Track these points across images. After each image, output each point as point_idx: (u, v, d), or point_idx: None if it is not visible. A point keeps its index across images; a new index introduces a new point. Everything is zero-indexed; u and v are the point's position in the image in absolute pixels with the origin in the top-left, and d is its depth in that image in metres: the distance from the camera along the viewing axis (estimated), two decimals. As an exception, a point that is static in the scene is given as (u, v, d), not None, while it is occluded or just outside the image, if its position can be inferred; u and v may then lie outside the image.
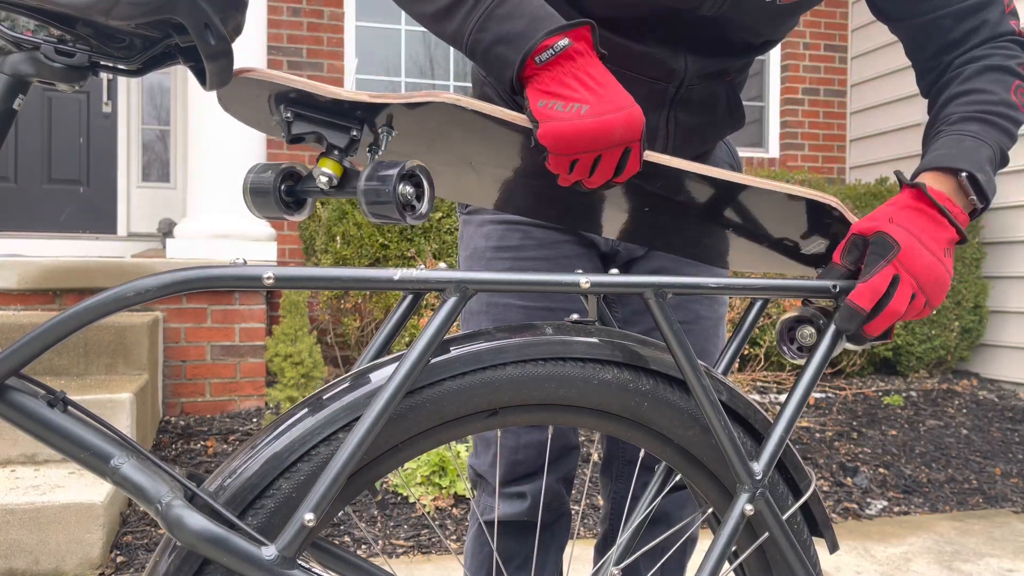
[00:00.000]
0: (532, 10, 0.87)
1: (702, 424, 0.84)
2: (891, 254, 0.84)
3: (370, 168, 0.77)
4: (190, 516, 0.66)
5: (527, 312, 1.19)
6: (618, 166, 0.85)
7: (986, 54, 1.02)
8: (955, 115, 0.98)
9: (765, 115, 5.69)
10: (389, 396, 0.70)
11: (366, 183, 0.76)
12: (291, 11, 4.83)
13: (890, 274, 0.84)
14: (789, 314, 0.94)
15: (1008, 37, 1.03)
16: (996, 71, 1.00)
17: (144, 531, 2.36)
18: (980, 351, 4.75)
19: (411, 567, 2.25)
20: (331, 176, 0.78)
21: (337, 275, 0.72)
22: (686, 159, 1.15)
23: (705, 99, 1.10)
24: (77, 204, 5.00)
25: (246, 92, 0.79)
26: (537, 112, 0.83)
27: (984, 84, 0.99)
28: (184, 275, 0.67)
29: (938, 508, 2.88)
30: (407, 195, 0.76)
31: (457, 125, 0.82)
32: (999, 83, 0.99)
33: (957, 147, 0.94)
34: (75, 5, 0.64)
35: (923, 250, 0.85)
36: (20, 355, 0.65)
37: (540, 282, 0.78)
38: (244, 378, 3.57)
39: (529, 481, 1.23)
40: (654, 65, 1.04)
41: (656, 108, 1.08)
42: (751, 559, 0.89)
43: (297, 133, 0.79)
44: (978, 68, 1.01)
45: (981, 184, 0.91)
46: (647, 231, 1.06)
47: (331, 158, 0.78)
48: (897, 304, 0.84)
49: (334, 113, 0.78)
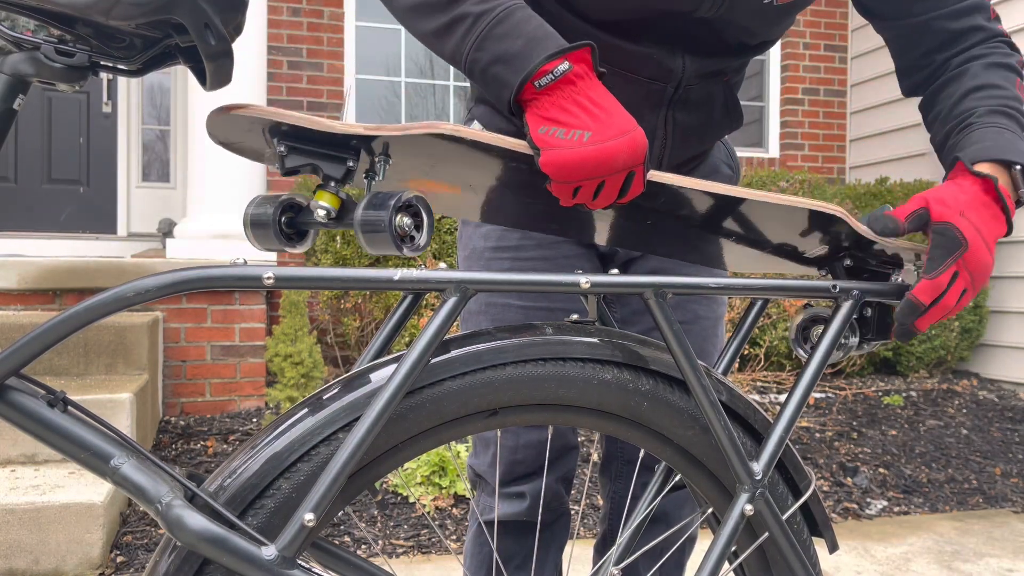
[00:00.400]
0: (531, 30, 0.86)
1: (702, 424, 0.84)
2: (959, 252, 0.85)
3: (367, 199, 0.76)
4: (190, 516, 0.66)
5: (526, 312, 1.19)
6: (622, 188, 0.85)
7: (986, 52, 1.03)
8: (981, 108, 0.99)
9: (765, 115, 5.69)
10: (389, 396, 0.70)
11: (363, 214, 0.74)
12: (291, 11, 4.83)
13: (952, 271, 0.85)
14: (803, 314, 0.94)
15: (1000, 38, 1.05)
16: (1001, 68, 1.02)
17: (144, 531, 2.36)
18: (980, 351, 4.75)
19: (411, 567, 2.25)
20: (328, 209, 0.76)
21: (337, 275, 0.72)
22: (684, 158, 1.16)
23: (703, 99, 1.10)
24: (77, 204, 5.00)
25: (237, 126, 0.78)
26: (538, 140, 0.82)
27: (997, 80, 1.01)
28: (184, 275, 0.67)
29: (938, 508, 2.88)
30: (405, 226, 0.75)
31: (455, 151, 0.81)
32: (1006, 79, 1.01)
33: (1002, 140, 0.95)
34: (75, 5, 0.64)
35: (985, 250, 0.87)
36: (20, 355, 0.65)
37: (540, 282, 0.78)
38: (244, 378, 3.57)
39: (528, 481, 1.23)
40: (652, 66, 1.04)
41: (654, 108, 1.08)
42: (751, 559, 0.89)
43: (292, 167, 0.77)
44: (985, 64, 1.02)
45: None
46: (648, 240, 1.06)
47: (328, 190, 0.77)
48: (950, 299, 0.85)
49: (329, 144, 0.77)
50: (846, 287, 0.87)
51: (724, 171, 1.25)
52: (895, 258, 0.93)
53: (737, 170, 1.30)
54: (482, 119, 1.22)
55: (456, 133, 0.76)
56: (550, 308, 1.19)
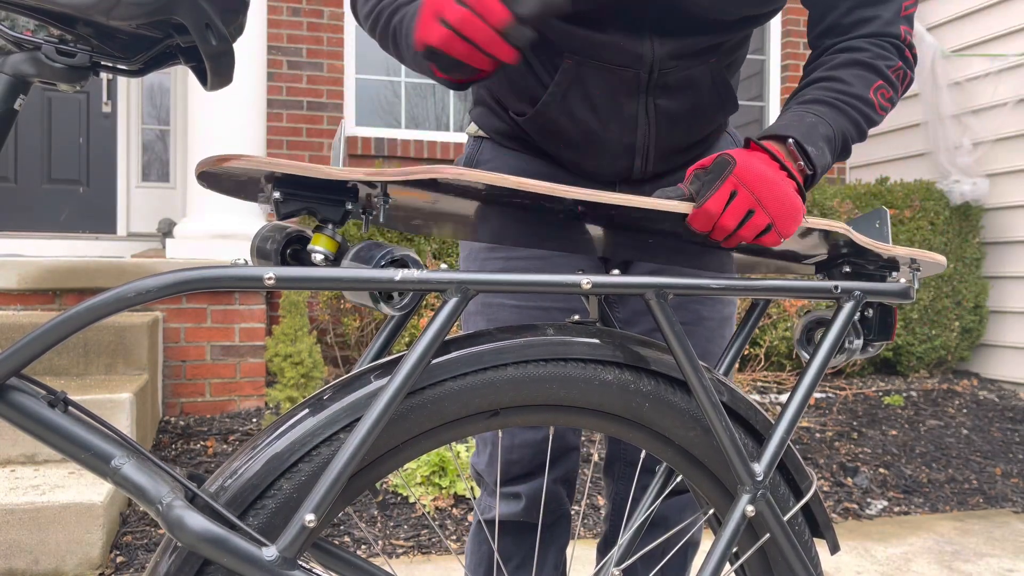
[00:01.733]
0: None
1: (703, 425, 0.84)
2: (726, 171, 0.84)
3: (355, 249, 0.74)
4: (191, 517, 0.66)
5: (519, 312, 1.19)
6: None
7: (860, 47, 1.02)
8: (807, 96, 1.00)
9: (765, 115, 5.69)
10: (390, 397, 0.70)
11: (346, 266, 0.73)
12: (291, 11, 4.83)
13: (727, 192, 0.84)
14: (807, 317, 0.95)
15: (889, 39, 1.02)
16: (862, 67, 1.00)
17: (144, 531, 2.36)
18: (980, 351, 4.75)
19: (411, 567, 2.25)
20: (326, 254, 0.75)
21: (337, 275, 0.71)
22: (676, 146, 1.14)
23: (685, 83, 1.08)
24: (77, 204, 5.00)
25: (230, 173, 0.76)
26: None
27: (846, 76, 1.00)
28: (184, 275, 0.67)
29: (938, 508, 2.88)
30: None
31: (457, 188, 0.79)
32: (861, 79, 0.99)
33: (796, 121, 0.95)
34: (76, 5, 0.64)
35: (761, 165, 0.85)
36: (20, 355, 0.64)
37: (542, 283, 0.78)
38: (244, 378, 3.56)
39: (524, 481, 1.22)
40: (619, 52, 1.04)
41: (631, 95, 1.07)
42: (752, 560, 0.89)
43: (288, 212, 0.75)
44: (846, 60, 1.01)
45: (809, 154, 0.92)
46: (650, 253, 1.06)
47: (325, 233, 0.76)
48: (728, 219, 0.84)
49: (326, 188, 0.75)
50: (848, 287, 0.87)
51: None
52: (891, 261, 0.93)
53: None
54: (479, 120, 1.24)
55: (459, 179, 0.74)
56: (544, 308, 1.19)
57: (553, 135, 1.13)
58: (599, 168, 1.15)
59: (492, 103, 1.21)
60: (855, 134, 0.99)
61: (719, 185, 0.84)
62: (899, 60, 1.02)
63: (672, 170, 1.18)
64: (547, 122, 1.11)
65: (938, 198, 4.52)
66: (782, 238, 0.85)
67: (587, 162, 1.15)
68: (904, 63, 1.03)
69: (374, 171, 0.72)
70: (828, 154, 0.95)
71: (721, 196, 0.83)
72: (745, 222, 0.84)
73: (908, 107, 5.02)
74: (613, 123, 1.09)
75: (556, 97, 1.08)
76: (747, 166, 0.85)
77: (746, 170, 0.84)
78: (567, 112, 1.09)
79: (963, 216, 4.57)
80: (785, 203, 0.85)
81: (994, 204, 4.57)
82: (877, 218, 0.93)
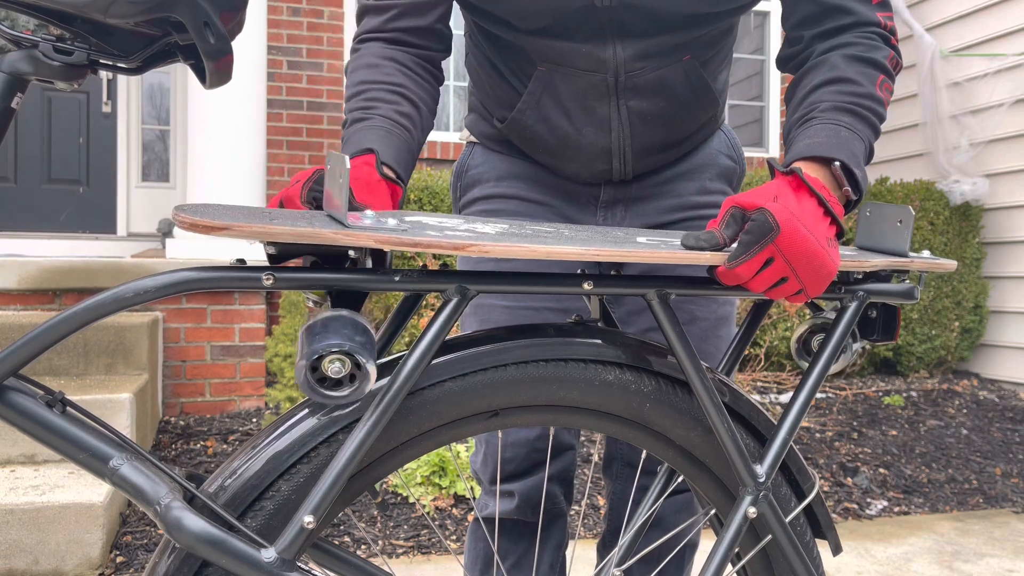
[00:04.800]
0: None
1: (705, 425, 0.83)
2: (768, 237, 0.76)
3: (318, 319, 0.68)
4: (189, 518, 0.65)
5: (510, 312, 1.18)
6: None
7: (851, 42, 1.00)
8: (826, 103, 0.96)
9: (765, 115, 5.68)
10: (390, 397, 0.70)
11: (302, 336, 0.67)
12: (291, 11, 4.83)
13: (763, 259, 0.78)
14: (804, 326, 0.94)
15: (873, 28, 1.01)
16: (863, 62, 0.98)
17: (144, 531, 2.35)
18: (980, 351, 4.75)
19: (411, 567, 2.25)
20: (317, 300, 0.74)
21: (337, 276, 0.71)
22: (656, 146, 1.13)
23: (656, 83, 1.08)
24: (77, 204, 5.00)
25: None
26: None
27: (852, 74, 0.97)
28: (184, 275, 0.66)
29: (938, 508, 2.88)
30: (334, 371, 0.67)
31: None
32: (865, 75, 0.97)
33: (834, 137, 0.91)
34: (74, 3, 0.63)
35: (805, 235, 0.78)
36: (19, 355, 0.64)
37: (544, 283, 0.77)
38: (244, 378, 3.56)
39: (517, 480, 1.22)
40: (583, 58, 1.05)
41: (601, 99, 1.08)
42: (754, 561, 0.89)
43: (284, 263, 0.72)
44: (845, 56, 0.99)
45: (856, 176, 0.89)
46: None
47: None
48: (758, 284, 0.79)
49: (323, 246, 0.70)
50: (852, 288, 0.86)
51: (723, 162, 1.23)
52: None
53: (740, 161, 1.28)
54: (471, 126, 1.28)
55: (483, 255, 0.69)
56: (535, 308, 1.18)
57: (531, 140, 1.16)
58: (578, 171, 1.17)
59: (482, 109, 1.24)
60: (873, 137, 0.96)
61: (756, 251, 0.77)
62: (890, 49, 1.01)
63: (656, 170, 1.18)
64: (524, 128, 1.14)
65: (938, 198, 4.52)
66: (809, 298, 0.82)
67: (566, 165, 1.17)
68: (894, 51, 1.02)
69: (384, 238, 0.66)
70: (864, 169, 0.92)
71: (756, 263, 0.77)
72: (775, 287, 0.80)
73: (907, 107, 5.02)
74: (587, 127, 1.11)
75: (530, 104, 1.11)
76: (791, 235, 0.77)
77: (790, 241, 0.77)
78: (542, 118, 1.12)
79: (963, 216, 4.57)
80: (821, 272, 0.79)
81: (994, 204, 4.57)
82: (900, 216, 0.88)
